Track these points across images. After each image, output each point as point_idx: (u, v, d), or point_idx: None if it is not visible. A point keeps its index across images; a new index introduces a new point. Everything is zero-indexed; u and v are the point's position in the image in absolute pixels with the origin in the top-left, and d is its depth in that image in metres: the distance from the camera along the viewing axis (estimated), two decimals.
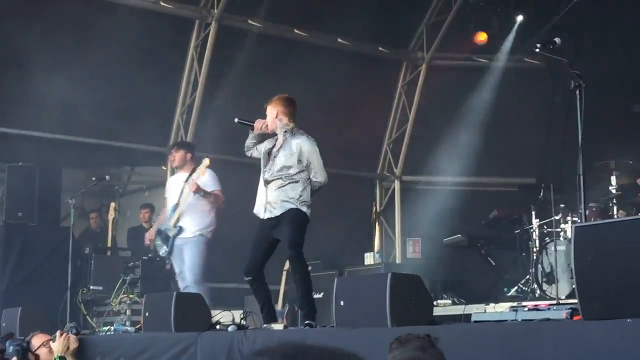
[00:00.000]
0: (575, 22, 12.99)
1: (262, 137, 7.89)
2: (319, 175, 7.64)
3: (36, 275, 11.02)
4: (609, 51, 13.07)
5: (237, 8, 12.68)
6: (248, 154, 8.05)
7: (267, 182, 7.69)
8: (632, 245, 4.42)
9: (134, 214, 13.86)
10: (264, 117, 7.78)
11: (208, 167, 9.52)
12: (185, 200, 9.58)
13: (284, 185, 7.57)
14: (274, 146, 7.71)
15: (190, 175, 9.67)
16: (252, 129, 7.83)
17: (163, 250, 9.73)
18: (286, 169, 7.57)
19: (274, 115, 7.69)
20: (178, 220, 9.62)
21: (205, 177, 9.58)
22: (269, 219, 7.72)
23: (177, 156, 9.94)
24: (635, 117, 12.82)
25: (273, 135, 7.81)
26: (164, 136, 13.12)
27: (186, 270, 9.50)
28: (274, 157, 7.64)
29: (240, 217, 12.83)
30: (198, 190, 9.40)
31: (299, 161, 7.56)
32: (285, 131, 7.67)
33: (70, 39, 11.54)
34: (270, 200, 7.67)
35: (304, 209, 7.66)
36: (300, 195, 7.60)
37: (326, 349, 2.13)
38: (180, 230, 9.57)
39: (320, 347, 2.15)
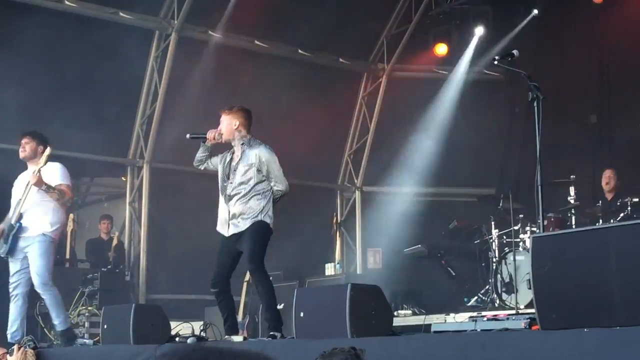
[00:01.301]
0: (533, 35, 13.14)
1: (214, 149, 7.80)
2: (279, 183, 7.59)
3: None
4: (567, 63, 13.23)
5: (197, 19, 12.64)
6: (201, 167, 7.94)
7: (229, 198, 7.57)
8: (589, 256, 4.46)
9: (92, 225, 13.74)
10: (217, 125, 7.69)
11: (49, 156, 8.59)
12: (28, 195, 8.67)
13: (247, 199, 7.49)
14: (232, 159, 7.64)
15: (38, 171, 8.68)
16: (204, 141, 7.72)
17: (2, 250, 8.68)
18: (247, 180, 7.49)
19: (233, 126, 7.63)
20: (20, 217, 8.70)
21: (53, 170, 8.78)
22: (233, 234, 7.59)
23: (27, 147, 8.86)
24: (593, 128, 12.97)
25: (225, 148, 7.71)
26: (124, 147, 13.04)
27: (34, 276, 8.57)
28: (234, 170, 7.56)
29: (199, 229, 12.84)
30: (39, 184, 8.50)
31: (259, 171, 7.49)
32: (243, 143, 7.61)
33: (29, 49, 11.42)
34: (234, 214, 7.55)
35: (267, 220, 7.56)
36: (264, 208, 7.52)
37: (231, 351, 2.13)
38: (20, 228, 8.64)
39: (226, 350, 2.15)
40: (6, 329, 8.95)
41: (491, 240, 10.66)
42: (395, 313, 10.03)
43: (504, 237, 10.53)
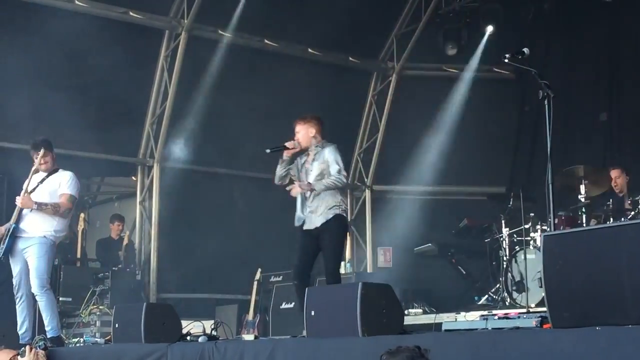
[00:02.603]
0: (543, 33, 13.12)
1: (292, 161, 8.22)
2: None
3: (3, 287, 10.89)
4: (577, 61, 13.20)
5: (207, 18, 12.65)
6: (285, 181, 8.31)
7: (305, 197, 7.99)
8: (601, 254, 4.45)
9: (103, 224, 13.78)
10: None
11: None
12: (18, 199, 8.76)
13: (322, 195, 7.90)
14: (306, 161, 8.10)
15: (47, 178, 8.91)
16: (283, 154, 8.14)
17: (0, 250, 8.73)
18: (320, 177, 7.90)
19: (310, 134, 8.11)
20: (20, 218, 8.73)
21: (62, 178, 8.89)
22: (312, 229, 7.96)
23: (47, 160, 8.96)
24: (603, 126, 12.93)
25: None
26: (134, 147, 13.07)
27: (33, 278, 8.60)
28: (308, 170, 8.02)
29: (209, 228, 12.89)
30: (28, 205, 8.66)
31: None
32: (317, 146, 8.08)
33: (39, 49, 11.46)
34: (311, 210, 7.95)
35: (343, 213, 7.98)
36: (342, 201, 8.04)
37: None
38: (16, 229, 8.68)
39: None
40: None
41: (502, 239, 10.64)
42: (405, 312, 10.02)
43: (515, 235, 10.51)
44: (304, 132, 8.11)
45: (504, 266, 10.37)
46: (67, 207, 8.86)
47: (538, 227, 10.08)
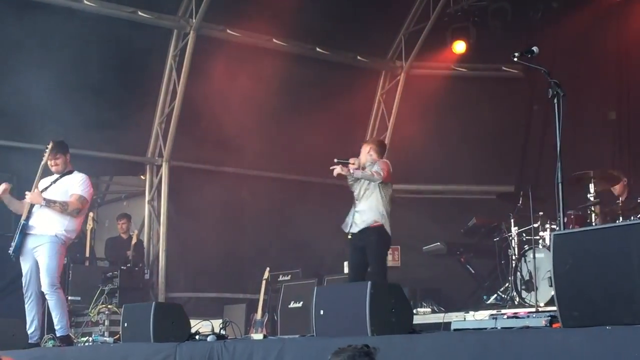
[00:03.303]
0: (552, 31, 13.08)
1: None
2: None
3: (13, 286, 10.92)
4: (586, 59, 13.16)
5: (215, 17, 12.65)
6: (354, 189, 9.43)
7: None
8: (611, 253, 4.44)
9: (112, 223, 13.81)
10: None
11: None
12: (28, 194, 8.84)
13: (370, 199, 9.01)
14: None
15: (59, 179, 8.95)
16: (346, 167, 9.02)
17: (11, 248, 8.80)
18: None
19: (370, 155, 9.15)
20: (29, 216, 8.77)
21: (75, 179, 8.93)
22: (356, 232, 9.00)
23: (59, 162, 9.02)
24: (612, 124, 12.89)
25: None
26: (143, 146, 13.08)
27: (43, 276, 8.65)
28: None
29: (218, 227, 12.89)
30: (37, 201, 8.70)
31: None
32: (371, 162, 9.12)
33: (48, 48, 11.48)
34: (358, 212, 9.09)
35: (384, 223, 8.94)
36: (384, 209, 8.93)
37: None
38: (25, 226, 8.74)
39: None
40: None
41: (511, 238, 10.61)
42: (414, 311, 10.00)
43: (524, 234, 10.48)
44: (364, 152, 9.14)
45: (513, 265, 10.34)
46: (76, 206, 8.85)
47: (547, 226, 10.05)
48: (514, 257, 10.41)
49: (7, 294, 10.84)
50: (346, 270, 12.02)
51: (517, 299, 10.05)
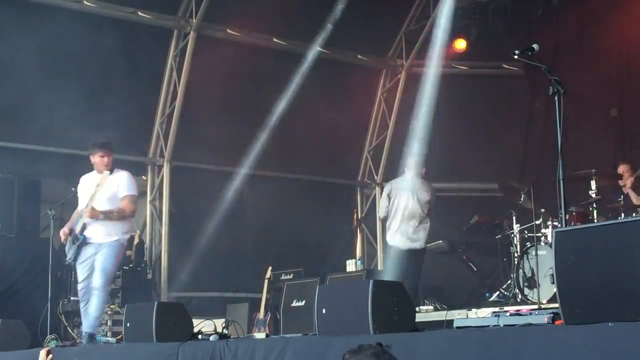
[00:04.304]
0: (553, 28, 13.07)
1: None
2: None
3: (16, 287, 10.95)
4: (587, 56, 13.15)
5: (215, 17, 12.66)
6: None
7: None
8: (612, 249, 4.43)
9: None
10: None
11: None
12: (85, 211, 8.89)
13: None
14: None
15: (104, 180, 8.99)
16: None
17: (69, 256, 8.98)
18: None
19: None
20: (84, 228, 8.91)
21: (120, 180, 9.02)
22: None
23: (107, 160, 9.13)
24: (613, 121, 12.89)
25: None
26: (144, 146, 13.08)
27: (98, 273, 8.75)
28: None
29: (220, 226, 12.89)
30: (95, 216, 8.79)
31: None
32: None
33: (48, 50, 11.48)
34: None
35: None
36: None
37: None
38: (84, 240, 8.85)
39: None
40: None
41: (512, 235, 10.61)
42: (416, 309, 10.00)
43: (526, 231, 10.48)
44: None
45: (515, 262, 10.35)
46: (132, 208, 9.06)
47: (549, 223, 10.06)
48: (516, 255, 10.42)
49: (9, 295, 10.85)
50: (348, 268, 12.06)
51: (520, 296, 10.05)
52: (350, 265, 12.28)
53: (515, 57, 6.83)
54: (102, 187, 8.92)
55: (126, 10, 12.14)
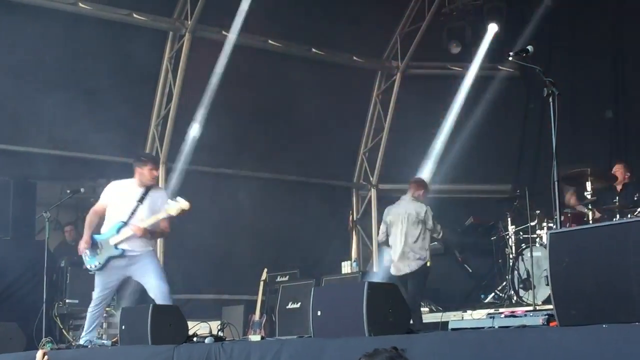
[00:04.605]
0: (547, 30, 13.09)
1: None
2: None
3: (11, 290, 10.93)
4: (582, 57, 13.17)
5: (210, 19, 12.66)
6: None
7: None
8: (607, 251, 4.43)
9: None
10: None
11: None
12: (128, 231, 8.73)
13: None
14: None
15: (145, 194, 8.85)
16: None
17: (95, 264, 8.79)
18: None
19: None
20: (121, 241, 8.74)
21: (163, 198, 8.94)
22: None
23: (156, 173, 9.17)
24: (609, 122, 12.91)
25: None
26: (140, 148, 13.05)
27: (160, 283, 8.73)
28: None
29: (216, 229, 12.88)
30: (144, 235, 8.69)
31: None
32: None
33: (44, 51, 11.48)
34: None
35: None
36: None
37: None
38: (123, 253, 8.73)
39: None
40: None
41: (508, 237, 10.63)
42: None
43: (521, 233, 10.50)
44: None
45: (511, 264, 10.36)
46: (169, 230, 9.09)
47: (544, 224, 10.08)
48: (511, 256, 10.43)
49: (4, 298, 10.83)
50: (344, 270, 12.07)
51: (515, 298, 10.07)
52: (346, 267, 12.30)
53: (510, 58, 6.85)
54: (146, 202, 8.85)
55: (121, 12, 12.13)
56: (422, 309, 10.73)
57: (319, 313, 6.09)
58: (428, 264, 10.02)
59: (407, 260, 10.04)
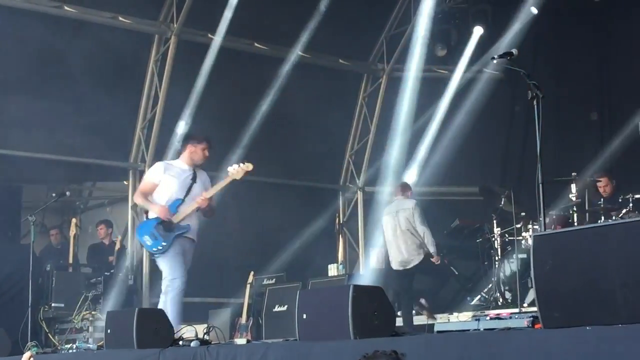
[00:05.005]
0: (533, 33, 13.12)
1: None
2: None
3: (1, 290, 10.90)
4: (567, 60, 13.22)
5: (196, 22, 12.64)
6: None
7: None
8: (590, 253, 4.46)
9: (95, 230, 13.75)
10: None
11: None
12: (192, 205, 8.53)
13: None
14: None
15: (195, 176, 8.68)
16: None
17: (160, 245, 8.41)
18: None
19: None
20: (183, 218, 8.51)
21: (208, 180, 8.87)
22: None
23: (208, 154, 8.88)
24: (594, 125, 12.96)
25: None
26: (125, 151, 13.04)
27: (185, 273, 8.49)
28: None
29: (201, 232, 12.85)
30: (209, 207, 8.61)
31: None
32: None
33: (28, 55, 11.44)
34: None
35: None
36: None
37: None
38: (188, 229, 8.54)
39: None
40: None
41: (493, 239, 10.65)
42: (398, 313, 10.04)
43: (507, 235, 10.52)
44: None
45: (496, 266, 10.39)
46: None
47: (530, 226, 10.09)
48: (496, 258, 10.45)
49: None
50: (330, 273, 12.07)
51: (501, 300, 10.09)
52: (332, 270, 12.31)
53: (494, 61, 6.87)
54: (198, 181, 8.70)
55: (107, 15, 12.10)
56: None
57: (304, 316, 6.09)
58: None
59: (400, 264, 10.54)
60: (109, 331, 7.92)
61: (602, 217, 9.60)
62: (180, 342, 7.31)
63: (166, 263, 8.51)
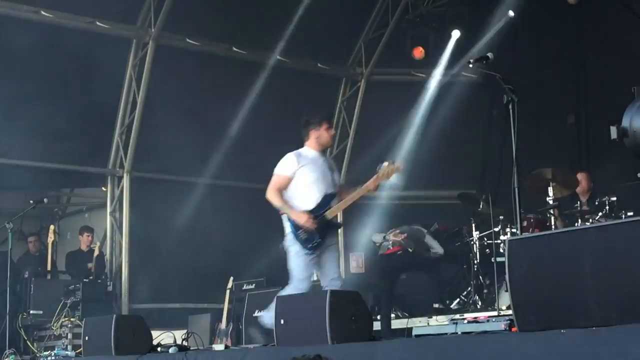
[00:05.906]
0: (509, 36, 13.18)
1: None
2: None
3: None
4: (543, 63, 13.28)
5: (174, 27, 12.61)
6: None
7: None
8: (564, 257, 4.49)
9: (73, 236, 13.69)
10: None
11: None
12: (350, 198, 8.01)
13: None
14: None
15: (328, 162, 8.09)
16: None
17: (315, 242, 7.94)
18: None
19: None
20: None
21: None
22: None
23: (333, 132, 8.41)
24: (570, 128, 13.02)
25: None
26: (104, 157, 12.99)
27: (338, 273, 7.96)
28: None
29: (181, 237, 12.85)
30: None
31: None
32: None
33: (5, 59, 11.39)
34: None
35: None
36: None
37: None
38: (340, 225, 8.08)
39: None
40: None
41: (472, 243, 10.69)
42: (378, 317, 10.05)
43: (485, 238, 10.56)
44: None
45: (475, 269, 10.42)
46: None
47: (508, 230, 10.13)
48: (475, 262, 10.49)
49: None
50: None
51: (480, 303, 10.12)
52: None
53: (470, 65, 6.91)
54: (334, 167, 8.29)
55: (84, 20, 12.06)
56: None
57: (282, 322, 6.10)
58: None
59: None
60: (87, 338, 7.90)
61: (579, 220, 9.65)
62: (159, 349, 7.31)
63: (297, 262, 8.20)
